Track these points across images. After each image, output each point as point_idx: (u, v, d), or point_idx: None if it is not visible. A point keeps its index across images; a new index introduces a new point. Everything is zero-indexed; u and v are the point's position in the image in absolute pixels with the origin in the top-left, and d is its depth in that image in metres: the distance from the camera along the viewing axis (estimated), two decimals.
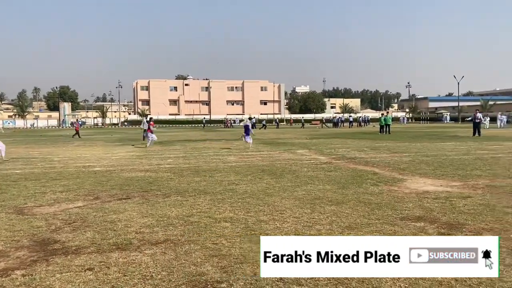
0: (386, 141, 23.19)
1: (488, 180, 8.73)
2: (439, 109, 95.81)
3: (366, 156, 14.45)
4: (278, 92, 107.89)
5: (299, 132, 40.70)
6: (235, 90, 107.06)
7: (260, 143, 22.63)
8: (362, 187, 8.15)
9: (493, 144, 19.03)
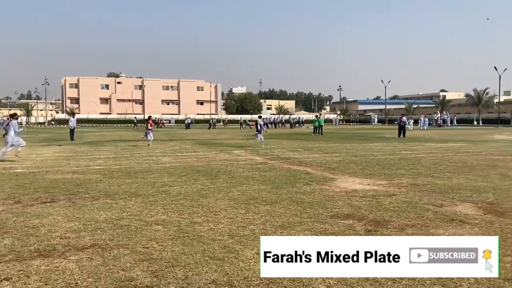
0: (318, 142, 23.94)
1: (411, 179, 9.29)
2: (367, 112, 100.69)
3: (300, 156, 14.80)
4: (215, 92, 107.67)
5: (236, 132, 40.83)
6: (171, 89, 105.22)
7: (196, 144, 22.40)
8: (296, 187, 8.32)
9: (416, 145, 20.33)
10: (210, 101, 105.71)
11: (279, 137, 29.90)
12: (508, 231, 5.08)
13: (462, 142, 22.27)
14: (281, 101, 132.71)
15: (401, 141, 23.68)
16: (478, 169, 10.83)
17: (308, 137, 29.43)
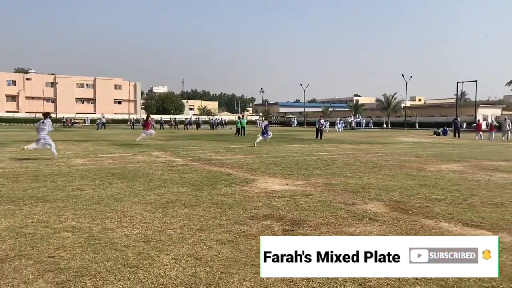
0: (241, 143, 24.14)
1: (327, 179, 9.68)
2: (288, 114, 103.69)
3: (222, 157, 14.79)
4: (134, 91, 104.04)
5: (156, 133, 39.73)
6: (86, 87, 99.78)
7: (112, 145, 21.44)
8: (216, 189, 8.27)
9: (331, 146, 21.30)
10: (129, 100, 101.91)
11: (201, 138, 29.67)
12: (411, 227, 5.47)
13: (372, 144, 23.75)
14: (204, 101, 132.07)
15: (318, 143, 24.68)
16: (386, 169, 11.59)
17: (231, 138, 29.57)
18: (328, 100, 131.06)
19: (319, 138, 28.53)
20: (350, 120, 65.65)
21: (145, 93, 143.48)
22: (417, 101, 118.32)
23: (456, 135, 33.91)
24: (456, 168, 11.96)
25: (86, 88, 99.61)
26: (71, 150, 17.31)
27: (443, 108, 74.67)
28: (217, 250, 4.45)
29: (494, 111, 65.04)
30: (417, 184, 8.98)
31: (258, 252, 4.33)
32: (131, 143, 22.65)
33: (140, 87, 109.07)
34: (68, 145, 19.94)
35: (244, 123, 35.24)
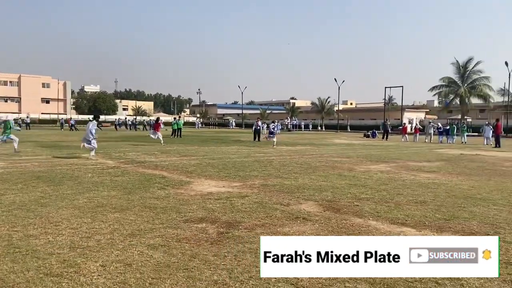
0: (177, 144, 23.74)
1: (263, 180, 9.77)
2: (226, 116, 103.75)
3: (156, 159, 14.43)
4: (63, 90, 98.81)
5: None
6: (10, 85, 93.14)
7: (38, 146, 20.17)
8: (149, 192, 8.03)
9: (268, 148, 21.56)
10: (58, 100, 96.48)
11: (135, 140, 28.80)
12: (342, 226, 5.65)
13: (308, 146, 24.40)
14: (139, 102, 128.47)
15: (256, 144, 24.90)
16: (320, 170, 11.93)
17: (166, 140, 28.95)
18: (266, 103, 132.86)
19: (257, 140, 28.79)
20: (287, 122, 67.05)
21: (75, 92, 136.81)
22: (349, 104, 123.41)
23: (385, 137, 35.76)
24: (383, 169, 12.59)
25: (9, 86, 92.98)
26: None
27: (372, 111, 78.55)
28: (149, 255, 4.31)
29: (419, 115, 69.53)
30: (348, 184, 9.32)
31: (191, 256, 4.26)
32: (60, 145, 21.45)
33: (70, 86, 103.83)
34: None
35: (181, 124, 34.69)
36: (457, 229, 5.56)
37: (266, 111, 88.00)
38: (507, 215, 6.42)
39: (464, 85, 49.73)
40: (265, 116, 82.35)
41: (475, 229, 5.54)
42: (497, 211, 6.70)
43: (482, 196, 8.03)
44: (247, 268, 3.96)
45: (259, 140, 28.79)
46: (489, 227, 5.68)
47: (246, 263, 4.11)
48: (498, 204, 7.25)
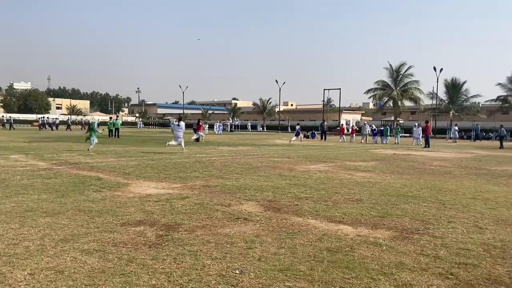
0: (114, 145, 22.93)
1: (204, 181, 9.67)
2: (166, 115, 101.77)
3: (92, 161, 13.82)
4: None
5: (16, 135, 35.66)
6: None
7: None
8: (84, 194, 7.67)
9: (210, 149, 21.44)
10: None
11: (70, 140, 27.44)
12: (282, 225, 5.72)
13: (249, 146, 24.53)
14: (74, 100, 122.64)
15: (197, 145, 24.64)
16: (261, 170, 12.03)
17: (103, 140, 27.85)
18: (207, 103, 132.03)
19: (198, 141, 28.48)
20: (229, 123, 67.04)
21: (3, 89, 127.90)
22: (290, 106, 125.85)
23: (323, 137, 36.77)
24: (322, 168, 12.94)
25: None
26: None
27: (312, 113, 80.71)
28: (82, 261, 4.09)
29: (355, 116, 72.43)
30: (288, 184, 9.47)
31: (128, 261, 4.11)
32: None
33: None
34: None
35: (119, 124, 33.55)
36: (391, 225, 5.82)
37: (207, 111, 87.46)
38: (435, 211, 6.82)
39: (397, 88, 52.40)
40: (207, 117, 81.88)
41: (407, 226, 5.83)
42: (427, 208, 7.11)
43: (413, 194, 8.49)
44: (187, 271, 3.88)
45: (199, 140, 28.49)
46: (420, 223, 6.00)
47: (186, 266, 4.03)
48: (427, 201, 7.69)
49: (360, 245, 4.85)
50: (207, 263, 4.10)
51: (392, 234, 5.36)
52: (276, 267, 4.03)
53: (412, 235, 5.32)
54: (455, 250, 4.70)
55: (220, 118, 72.00)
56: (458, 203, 7.57)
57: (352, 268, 4.04)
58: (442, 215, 6.52)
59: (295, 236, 5.14)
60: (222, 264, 4.08)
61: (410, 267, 4.13)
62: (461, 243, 5.01)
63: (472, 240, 5.14)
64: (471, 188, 9.45)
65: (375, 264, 4.18)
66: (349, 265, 4.13)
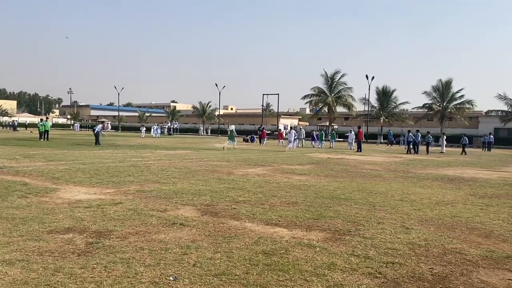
0: (43, 148, 21.65)
1: (139, 186, 9.40)
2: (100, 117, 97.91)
3: (18, 165, 12.95)
4: None
5: None
6: None
7: None
8: (7, 201, 7.15)
9: (146, 152, 20.90)
10: None
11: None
12: (219, 229, 5.70)
13: (188, 150, 24.25)
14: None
15: (133, 148, 23.94)
16: (200, 174, 11.92)
17: (32, 143, 26.23)
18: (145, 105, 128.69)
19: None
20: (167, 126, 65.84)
21: None
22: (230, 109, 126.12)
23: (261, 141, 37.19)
24: (260, 172, 13.09)
25: None
26: None
27: (252, 117, 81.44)
28: (3, 272, 3.81)
29: (293, 121, 74.11)
30: (226, 188, 9.47)
31: (54, 271, 3.89)
32: None
33: None
34: None
35: (48, 126, 31.80)
36: (324, 227, 6.01)
37: (145, 114, 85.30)
38: (366, 213, 7.14)
39: (332, 94, 54.38)
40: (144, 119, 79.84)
41: (339, 227, 6.04)
42: (358, 209, 7.42)
43: (346, 196, 8.83)
44: (118, 279, 3.74)
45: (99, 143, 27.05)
46: (351, 224, 6.25)
47: (117, 274, 3.88)
48: (359, 203, 8.04)
49: (295, 247, 4.95)
50: (139, 271, 3.98)
51: (325, 236, 5.53)
52: (211, 272, 4.00)
53: (344, 236, 5.52)
54: (384, 250, 4.95)
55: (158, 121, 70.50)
56: (387, 205, 7.98)
57: (286, 270, 4.12)
58: (372, 217, 6.84)
59: (231, 240, 5.15)
60: (155, 271, 3.99)
61: (341, 267, 4.29)
62: (389, 243, 5.28)
63: (399, 240, 5.43)
64: (399, 190, 10.01)
65: (309, 266, 4.29)
66: (283, 268, 4.20)
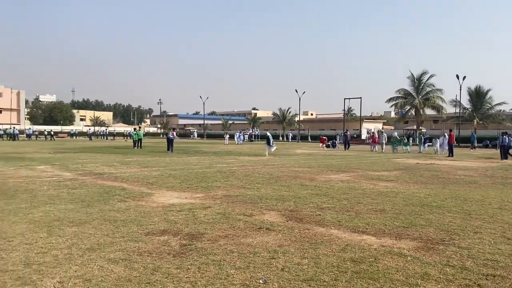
0: (137, 155, 23.27)
1: (225, 191, 9.73)
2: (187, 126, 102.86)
3: (116, 171, 14.08)
4: (17, 100, 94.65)
5: (41, 145, 36.60)
6: None
7: None
8: (109, 204, 7.82)
9: (230, 159, 21.54)
10: (11, 109, 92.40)
11: (93, 151, 27.98)
12: (305, 235, 5.71)
13: (270, 156, 24.54)
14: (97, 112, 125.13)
15: (218, 155, 24.81)
16: (282, 180, 12.03)
17: (127, 151, 28.34)
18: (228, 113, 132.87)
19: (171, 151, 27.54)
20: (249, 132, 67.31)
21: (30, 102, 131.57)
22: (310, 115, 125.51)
23: (346, 147, 36.25)
24: (344, 178, 12.85)
25: None
26: None
27: (332, 122, 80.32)
28: (109, 270, 4.18)
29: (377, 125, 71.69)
30: (310, 194, 9.44)
31: (153, 270, 4.17)
32: (13, 157, 20.52)
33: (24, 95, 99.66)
34: None
35: (142, 135, 34.15)
36: (415, 236, 5.74)
37: (228, 121, 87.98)
38: (461, 221, 6.69)
39: (419, 96, 51.76)
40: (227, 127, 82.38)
41: (432, 236, 5.74)
42: (452, 218, 6.98)
43: (438, 204, 8.35)
44: (211, 281, 3.92)
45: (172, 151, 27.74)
46: (445, 233, 5.90)
47: (210, 275, 4.07)
48: (452, 211, 7.56)
49: (384, 255, 4.80)
50: (230, 273, 4.13)
51: (417, 245, 5.29)
52: (300, 277, 4.03)
53: (437, 246, 5.23)
54: (482, 261, 4.61)
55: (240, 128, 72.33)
56: (484, 213, 7.41)
57: (376, 279, 4.01)
58: (468, 225, 6.40)
59: (318, 246, 5.13)
60: (245, 274, 4.11)
61: (436, 278, 4.07)
62: (489, 254, 4.90)
63: (500, 251, 5.02)
64: (497, 198, 9.24)
65: (400, 275, 4.14)
66: (373, 276, 4.10)
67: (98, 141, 53.99)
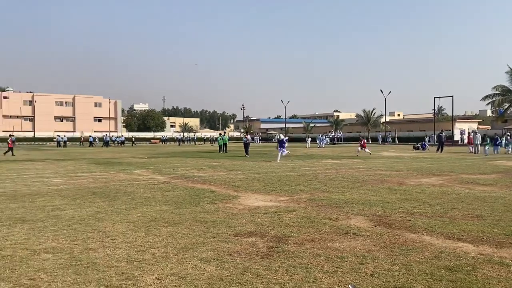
0: (223, 159, 24.07)
1: (309, 194, 9.71)
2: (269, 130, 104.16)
3: (204, 174, 14.71)
4: (114, 109, 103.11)
5: (136, 151, 39.40)
6: (65, 105, 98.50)
7: (93, 163, 21.11)
8: (199, 206, 8.21)
9: (313, 162, 21.42)
10: (109, 118, 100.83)
11: (183, 155, 29.49)
12: (395, 241, 5.51)
13: (354, 159, 23.98)
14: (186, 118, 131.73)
15: (300, 158, 24.80)
16: (368, 184, 11.70)
17: (213, 155, 29.48)
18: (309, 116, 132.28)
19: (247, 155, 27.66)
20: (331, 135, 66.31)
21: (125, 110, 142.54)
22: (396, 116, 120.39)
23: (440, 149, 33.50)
24: (436, 182, 12.15)
25: (65, 106, 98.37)
26: (49, 170, 16.98)
27: (421, 123, 76.16)
28: (202, 269, 4.40)
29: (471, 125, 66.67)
30: (398, 198, 9.08)
31: (243, 270, 4.31)
32: (112, 162, 22.34)
33: (120, 104, 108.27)
34: (47, 164, 19.54)
35: (226, 140, 35.29)
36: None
37: (309, 125, 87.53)
38: None
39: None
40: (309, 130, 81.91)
41: None
42: None
43: None
44: (299, 283, 3.95)
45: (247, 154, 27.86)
46: None
47: (298, 278, 4.10)
48: None
49: (483, 264, 4.48)
50: (318, 276, 4.13)
51: None
52: (390, 284, 3.91)
53: None
54: None
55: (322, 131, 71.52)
56: None
57: None
58: None
59: (409, 253, 4.93)
60: (334, 278, 4.08)
61: None
62: None
63: None
64: None
65: (502, 286, 3.83)
66: (471, 285, 3.84)
67: (186, 146, 56.77)
